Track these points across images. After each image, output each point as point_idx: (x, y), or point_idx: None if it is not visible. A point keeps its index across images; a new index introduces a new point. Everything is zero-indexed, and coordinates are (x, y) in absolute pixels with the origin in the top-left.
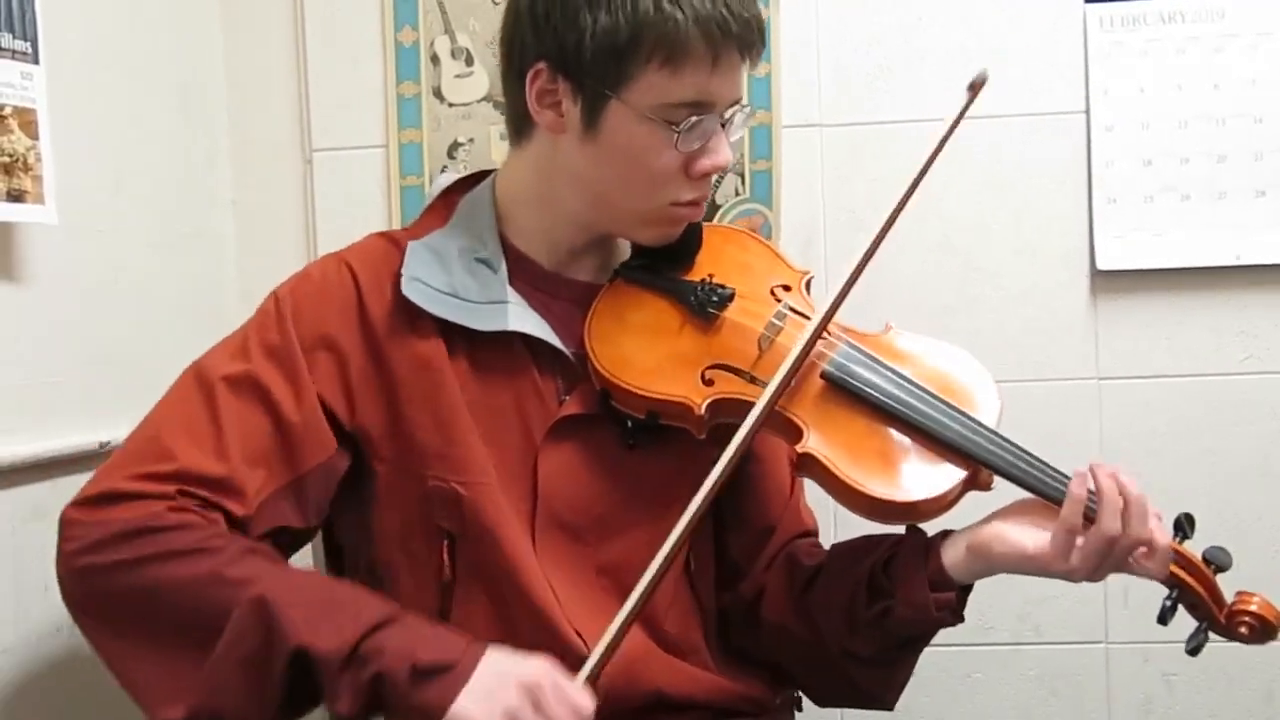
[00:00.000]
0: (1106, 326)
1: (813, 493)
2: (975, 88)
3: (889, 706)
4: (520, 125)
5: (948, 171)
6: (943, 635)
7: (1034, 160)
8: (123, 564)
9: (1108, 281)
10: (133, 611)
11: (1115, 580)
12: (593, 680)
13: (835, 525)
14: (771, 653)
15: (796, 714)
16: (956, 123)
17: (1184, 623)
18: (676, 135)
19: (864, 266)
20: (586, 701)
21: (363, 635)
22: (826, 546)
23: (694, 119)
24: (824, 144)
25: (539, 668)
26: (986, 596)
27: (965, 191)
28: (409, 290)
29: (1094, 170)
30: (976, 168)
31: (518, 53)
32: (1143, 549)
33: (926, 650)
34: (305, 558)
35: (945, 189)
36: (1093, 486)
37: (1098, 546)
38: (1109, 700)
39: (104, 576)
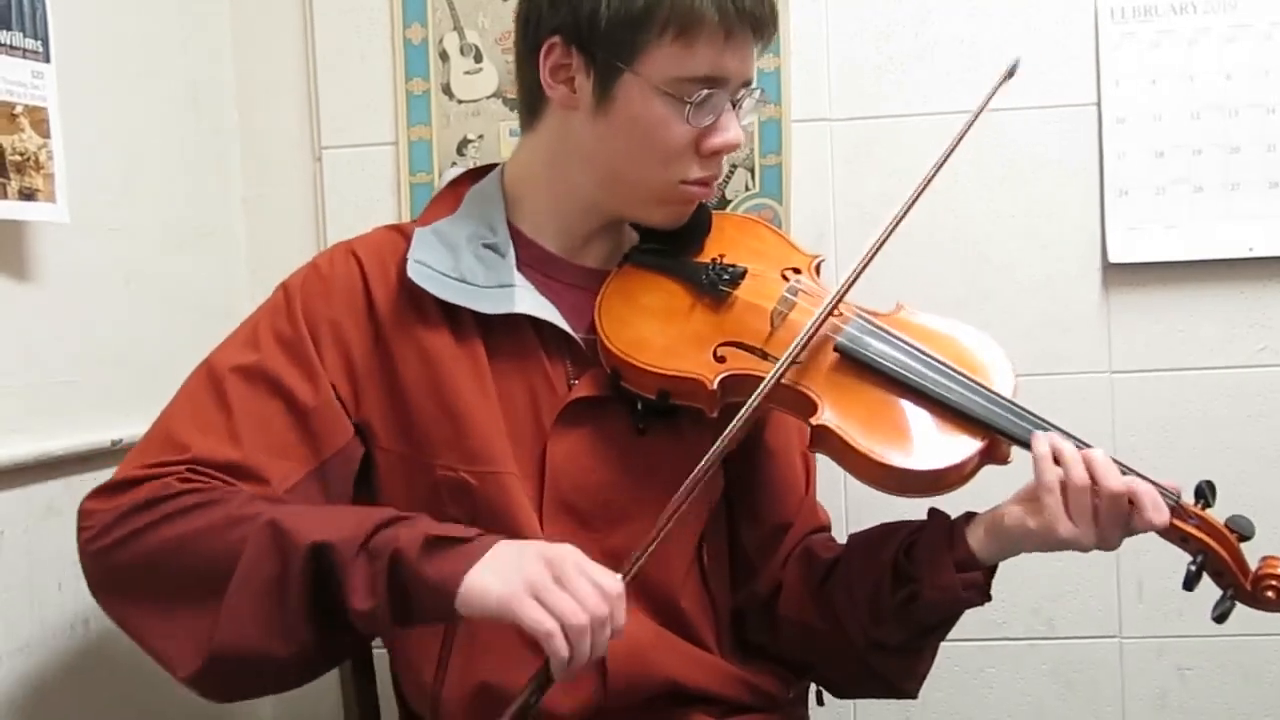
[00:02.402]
0: (1119, 319)
1: (826, 490)
2: (1010, 74)
3: (912, 695)
4: (533, 105)
5: (959, 164)
6: (956, 630)
7: (1045, 153)
8: (132, 534)
9: (1120, 274)
10: (145, 577)
11: (1129, 574)
12: (627, 576)
13: (846, 517)
14: (790, 648)
15: (807, 709)
16: (987, 100)
17: (1201, 618)
18: (688, 109)
19: (882, 244)
20: (614, 583)
21: (376, 527)
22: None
23: (705, 92)
24: (834, 138)
25: (564, 547)
26: (1000, 592)
27: (976, 184)
28: (414, 273)
29: (1105, 162)
30: (988, 160)
31: (533, 28)
32: (1129, 501)
33: (940, 645)
34: None
35: (956, 181)
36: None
37: (1078, 501)
38: (1123, 695)
39: (116, 551)
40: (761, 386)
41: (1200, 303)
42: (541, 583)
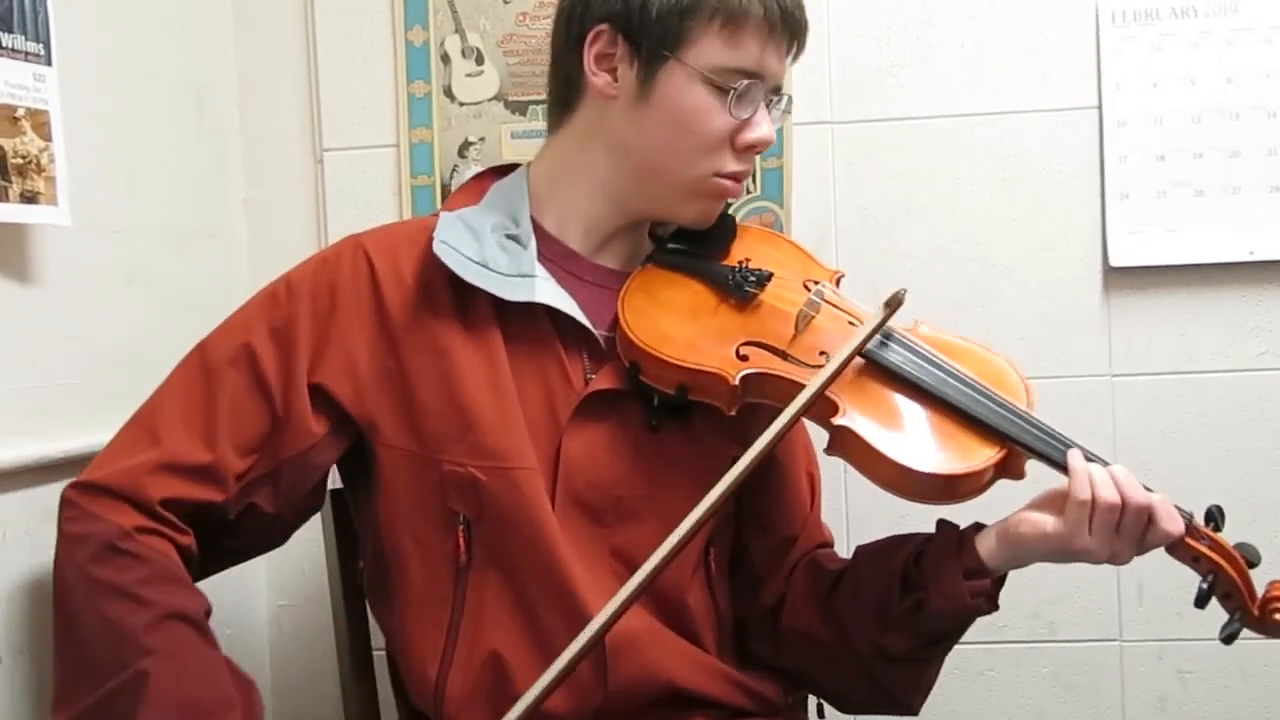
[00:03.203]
0: (1120, 323)
1: (824, 506)
2: (892, 305)
3: (914, 711)
4: (567, 97)
5: (959, 167)
6: None
7: (1046, 156)
8: (84, 579)
9: (1121, 278)
10: (74, 624)
11: (1130, 578)
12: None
13: (849, 532)
14: (793, 659)
15: (806, 715)
16: (870, 336)
17: (1201, 621)
18: (731, 97)
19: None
20: None
21: None
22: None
23: (746, 83)
24: (835, 141)
25: None
26: (1001, 594)
27: (978, 187)
28: (440, 251)
29: (1106, 166)
30: (989, 163)
31: (578, 17)
32: (1148, 516)
33: (945, 659)
34: (317, 549)
35: (958, 185)
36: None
37: (1105, 519)
38: (1123, 698)
39: (76, 576)
40: (795, 408)
41: (1201, 306)
42: None
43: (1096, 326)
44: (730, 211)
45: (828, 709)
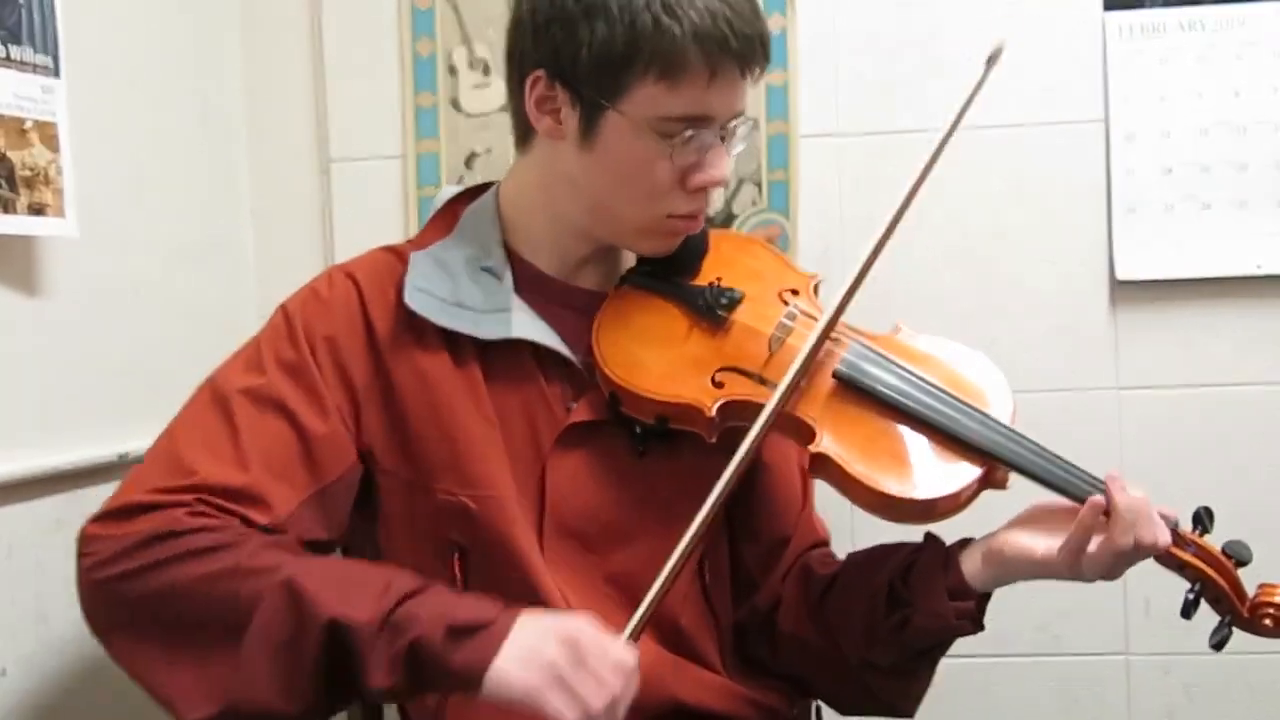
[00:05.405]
0: (1126, 337)
1: (832, 502)
2: (992, 60)
3: (909, 715)
4: (523, 131)
5: (966, 180)
6: (962, 646)
7: (1053, 169)
8: (140, 570)
9: (1128, 291)
10: (153, 616)
11: (1136, 591)
12: (635, 637)
13: (853, 534)
14: (789, 664)
15: None
16: (973, 97)
17: (1205, 629)
18: (672, 148)
19: (873, 260)
20: (629, 656)
21: (396, 603)
22: (841, 556)
23: (689, 133)
24: (841, 153)
25: (580, 623)
26: (1006, 607)
27: (984, 200)
28: (412, 300)
29: (1113, 179)
30: (995, 176)
31: (519, 60)
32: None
33: (945, 661)
34: None
35: (964, 198)
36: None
37: (1108, 558)
38: (1130, 712)
39: (122, 585)
40: (758, 427)
41: (1208, 320)
42: (563, 669)
43: (1103, 340)
44: (736, 224)
45: (827, 713)
